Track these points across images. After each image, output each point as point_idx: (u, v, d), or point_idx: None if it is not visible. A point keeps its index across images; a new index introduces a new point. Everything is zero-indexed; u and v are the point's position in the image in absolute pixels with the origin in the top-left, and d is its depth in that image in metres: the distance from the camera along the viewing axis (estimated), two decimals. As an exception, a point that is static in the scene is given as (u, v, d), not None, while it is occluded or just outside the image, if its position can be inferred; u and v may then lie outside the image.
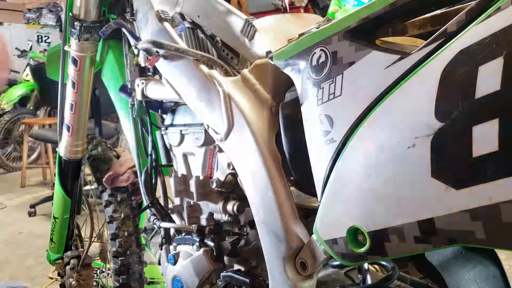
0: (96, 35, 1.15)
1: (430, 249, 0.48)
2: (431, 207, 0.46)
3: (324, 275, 0.85)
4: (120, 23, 1.04)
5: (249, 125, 0.72)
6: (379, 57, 0.52)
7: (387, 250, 0.52)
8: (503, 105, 0.39)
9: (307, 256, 0.65)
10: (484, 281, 0.69)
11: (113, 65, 1.28)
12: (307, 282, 0.67)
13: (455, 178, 0.44)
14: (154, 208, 1.07)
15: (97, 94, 1.39)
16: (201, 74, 0.81)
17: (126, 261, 1.36)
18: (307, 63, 0.62)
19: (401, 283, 0.81)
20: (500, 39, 0.40)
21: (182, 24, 0.96)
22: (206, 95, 0.80)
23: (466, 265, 0.69)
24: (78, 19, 1.13)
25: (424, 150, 0.46)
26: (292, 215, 0.68)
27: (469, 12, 0.44)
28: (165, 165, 1.12)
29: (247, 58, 0.96)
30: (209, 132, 0.82)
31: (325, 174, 0.59)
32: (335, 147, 0.57)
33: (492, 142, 0.40)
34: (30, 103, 5.25)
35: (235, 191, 0.90)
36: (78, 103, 1.24)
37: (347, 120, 0.55)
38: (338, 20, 0.60)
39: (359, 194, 0.54)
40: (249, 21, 0.93)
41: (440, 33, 0.46)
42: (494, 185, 0.40)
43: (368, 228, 0.53)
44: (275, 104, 0.73)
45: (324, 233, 0.60)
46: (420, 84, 0.47)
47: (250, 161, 0.73)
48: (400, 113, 0.48)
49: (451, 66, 0.44)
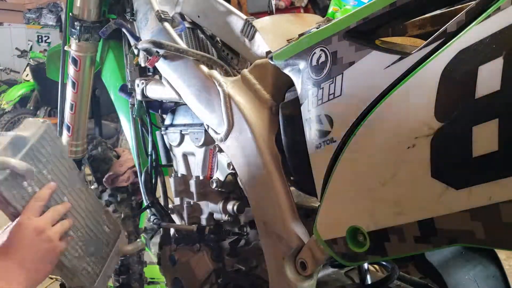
0: (96, 35, 1.15)
1: (430, 249, 0.48)
2: (431, 207, 0.46)
3: (324, 275, 0.85)
4: (120, 23, 1.04)
5: (249, 125, 0.72)
6: (379, 57, 0.52)
7: (387, 250, 0.52)
8: (503, 105, 0.39)
9: (307, 256, 0.65)
10: (484, 281, 0.69)
11: (113, 65, 1.28)
12: (307, 282, 0.67)
13: (455, 178, 0.44)
14: (154, 208, 1.07)
15: (97, 94, 1.39)
16: (201, 74, 0.81)
17: (126, 261, 1.36)
18: (307, 63, 0.62)
19: (401, 283, 0.81)
20: (500, 39, 0.40)
21: (182, 24, 0.96)
22: (206, 95, 0.80)
23: (466, 265, 0.70)
24: (78, 19, 1.13)
25: (424, 150, 0.46)
26: (292, 215, 0.68)
27: (469, 12, 0.44)
28: (165, 165, 1.12)
29: (247, 58, 0.96)
30: (209, 132, 0.82)
31: (325, 174, 0.59)
32: (335, 147, 0.57)
33: (492, 142, 0.40)
34: (30, 103, 5.25)
35: (235, 191, 0.90)
36: (78, 103, 1.24)
37: (347, 120, 0.55)
38: (338, 20, 0.60)
39: (359, 194, 0.54)
40: (249, 21, 0.93)
41: (440, 33, 0.46)
42: (494, 185, 0.40)
43: (368, 228, 0.53)
44: (275, 104, 0.73)
45: (324, 233, 0.60)
46: (420, 84, 0.47)
47: (250, 161, 0.73)
48: (400, 113, 0.48)
49: (451, 66, 0.44)
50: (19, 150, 0.76)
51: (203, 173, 0.95)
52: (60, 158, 0.85)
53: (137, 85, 1.04)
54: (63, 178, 0.85)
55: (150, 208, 1.07)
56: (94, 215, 0.92)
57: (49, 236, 0.75)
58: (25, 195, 0.76)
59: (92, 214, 0.91)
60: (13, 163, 0.73)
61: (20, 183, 0.75)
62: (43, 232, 0.74)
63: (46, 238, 0.74)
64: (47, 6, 6.43)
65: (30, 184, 0.77)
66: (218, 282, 0.93)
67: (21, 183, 0.76)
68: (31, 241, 0.73)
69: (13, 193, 0.74)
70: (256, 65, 0.77)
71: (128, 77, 1.09)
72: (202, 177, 0.95)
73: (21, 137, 0.77)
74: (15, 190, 0.75)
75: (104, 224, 0.95)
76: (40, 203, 0.76)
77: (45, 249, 0.74)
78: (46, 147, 0.81)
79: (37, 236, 0.73)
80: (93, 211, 0.92)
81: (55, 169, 0.83)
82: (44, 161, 0.81)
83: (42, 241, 0.74)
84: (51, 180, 0.81)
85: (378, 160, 0.51)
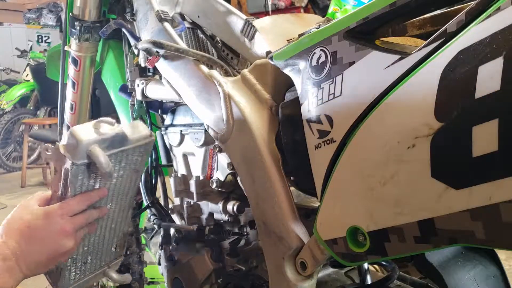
0: (96, 35, 1.15)
1: (430, 249, 0.48)
2: (431, 207, 0.46)
3: (324, 275, 0.85)
4: (120, 23, 1.04)
5: (249, 125, 0.72)
6: (379, 57, 0.52)
7: (387, 250, 0.52)
8: (503, 105, 0.39)
9: (307, 256, 0.65)
10: (484, 281, 0.69)
11: (113, 65, 1.28)
12: (307, 282, 0.67)
13: (455, 178, 0.44)
14: (154, 208, 1.07)
15: (97, 94, 1.39)
16: (201, 74, 0.81)
17: (126, 261, 1.35)
18: (307, 63, 0.62)
19: (401, 283, 0.81)
20: (500, 39, 0.40)
21: (182, 24, 0.96)
22: (206, 95, 0.80)
23: (466, 265, 0.69)
24: (78, 19, 1.13)
25: (424, 150, 0.46)
26: (292, 215, 0.68)
27: (469, 12, 0.44)
28: (165, 165, 1.12)
29: (247, 58, 0.96)
30: (209, 132, 0.82)
31: (325, 174, 0.59)
32: (335, 147, 0.57)
33: (492, 142, 0.40)
34: (30, 103, 5.25)
35: (235, 191, 0.90)
36: (78, 103, 1.25)
37: (347, 120, 0.55)
38: (338, 20, 0.60)
39: (359, 194, 0.54)
40: (249, 21, 0.93)
41: (440, 33, 0.46)
42: (494, 185, 0.40)
43: (368, 228, 0.53)
44: (275, 104, 0.73)
45: (324, 233, 0.60)
46: (420, 84, 0.47)
47: (250, 161, 0.72)
48: (400, 113, 0.48)
49: (451, 66, 0.44)
50: (114, 147, 0.72)
51: (203, 173, 0.95)
52: (135, 173, 0.81)
53: (137, 85, 1.04)
54: (122, 194, 0.81)
55: (150, 208, 1.07)
56: (115, 234, 0.88)
57: (71, 243, 0.71)
58: (84, 187, 0.73)
59: (115, 232, 0.87)
60: (101, 160, 0.68)
61: (89, 176, 0.72)
62: (67, 237, 0.71)
63: (67, 243, 0.71)
64: (47, 6, 6.42)
65: (96, 181, 0.74)
66: (218, 282, 0.93)
67: (90, 175, 0.72)
68: (51, 240, 0.70)
69: (76, 180, 0.70)
70: (256, 65, 0.77)
71: (128, 77, 1.09)
72: (202, 177, 0.95)
73: (125, 138, 0.73)
74: (81, 178, 0.71)
75: (115, 244, 0.91)
76: (82, 206, 0.73)
77: (60, 253, 0.71)
78: (133, 158, 0.77)
79: (59, 237, 0.70)
80: (117, 230, 0.88)
81: (123, 182, 0.79)
82: (122, 167, 0.76)
83: (61, 244, 0.70)
84: (113, 189, 0.77)
85: (378, 160, 0.51)
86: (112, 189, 0.78)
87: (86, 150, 0.68)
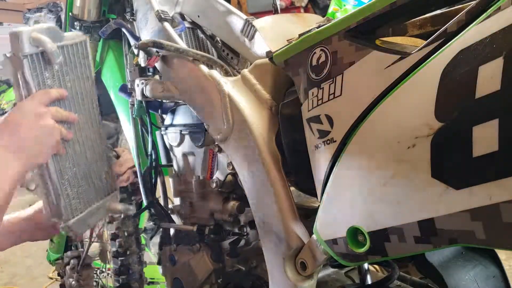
0: (96, 35, 1.15)
1: (430, 249, 0.48)
2: (431, 207, 0.46)
3: (324, 275, 0.85)
4: (120, 23, 1.04)
5: (249, 125, 0.72)
6: (379, 57, 0.52)
7: (387, 250, 0.52)
8: (503, 105, 0.39)
9: (307, 256, 0.65)
10: (484, 281, 0.69)
11: (113, 65, 1.28)
12: (307, 282, 0.67)
13: (455, 178, 0.44)
14: (154, 208, 1.07)
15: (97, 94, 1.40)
16: (201, 74, 0.81)
17: (126, 261, 1.36)
18: (307, 63, 0.62)
19: (401, 283, 0.81)
20: (500, 39, 0.40)
21: (182, 24, 0.96)
22: (206, 95, 0.80)
23: (466, 265, 0.69)
24: (78, 19, 1.13)
25: (424, 150, 0.46)
26: (292, 215, 0.68)
27: (469, 12, 0.44)
28: (165, 165, 1.12)
29: (247, 58, 0.96)
30: (209, 132, 0.82)
31: (325, 174, 0.59)
32: (335, 147, 0.57)
33: (492, 142, 0.40)
34: (30, 103, 5.24)
35: (235, 191, 0.90)
36: (78, 103, 1.24)
37: (347, 120, 0.55)
38: (338, 20, 0.60)
39: (359, 194, 0.54)
40: (249, 21, 0.93)
41: (440, 33, 0.46)
42: (494, 185, 0.40)
43: (368, 228, 0.53)
44: (275, 104, 0.73)
45: (324, 233, 0.60)
46: (420, 84, 0.47)
47: (250, 161, 0.72)
48: (400, 113, 0.48)
49: (451, 66, 0.44)
50: (54, 40, 0.76)
51: (203, 173, 0.95)
52: (85, 79, 0.84)
53: (137, 85, 1.04)
54: (81, 98, 0.83)
55: (150, 208, 1.07)
56: (96, 155, 0.91)
57: (49, 120, 0.75)
58: (42, 83, 0.76)
59: (95, 150, 0.90)
60: (47, 43, 0.73)
61: (43, 70, 0.75)
62: (43, 117, 0.74)
63: (47, 122, 0.74)
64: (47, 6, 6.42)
65: (50, 77, 0.77)
66: (218, 282, 0.93)
67: (44, 69, 0.75)
68: (31, 123, 0.73)
69: (33, 75, 0.74)
70: (256, 65, 0.77)
71: (128, 77, 1.09)
72: (202, 177, 0.95)
73: (59, 32, 0.78)
74: (36, 73, 0.74)
75: (103, 171, 0.95)
76: (48, 97, 0.76)
77: (45, 133, 0.74)
78: (76, 57, 0.81)
79: (37, 119, 0.73)
80: (96, 148, 0.90)
81: (77, 84, 0.82)
82: (70, 67, 0.80)
83: (42, 125, 0.74)
84: (70, 90, 0.80)
85: (378, 160, 0.51)
86: (73, 93, 0.82)
87: (29, 38, 0.73)
